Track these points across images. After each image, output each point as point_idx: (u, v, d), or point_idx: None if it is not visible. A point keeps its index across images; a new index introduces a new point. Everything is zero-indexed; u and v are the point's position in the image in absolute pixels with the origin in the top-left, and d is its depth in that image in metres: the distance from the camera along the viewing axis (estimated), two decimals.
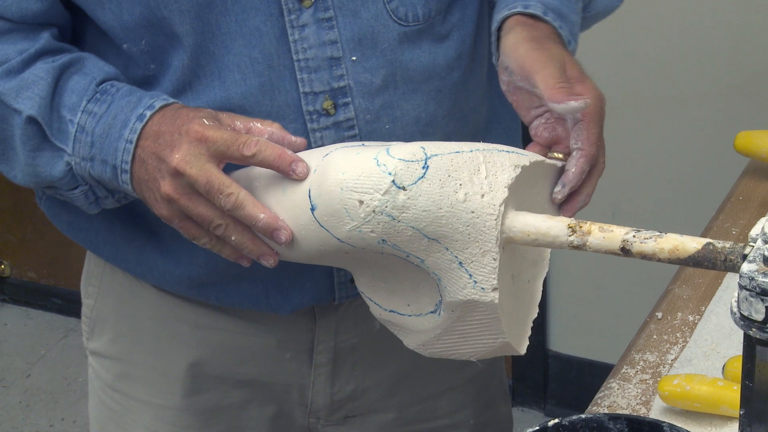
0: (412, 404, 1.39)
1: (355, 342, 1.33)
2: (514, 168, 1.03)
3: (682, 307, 1.37)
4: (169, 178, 1.07)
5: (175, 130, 1.07)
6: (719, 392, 1.18)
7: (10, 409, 2.89)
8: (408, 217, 1.01)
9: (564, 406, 2.73)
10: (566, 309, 2.68)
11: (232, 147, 1.06)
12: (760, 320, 0.85)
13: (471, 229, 1.01)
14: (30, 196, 3.46)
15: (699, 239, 0.95)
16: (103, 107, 1.12)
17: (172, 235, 1.17)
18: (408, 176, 1.01)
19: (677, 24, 2.31)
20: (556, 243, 1.02)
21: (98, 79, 1.14)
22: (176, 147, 1.06)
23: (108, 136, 1.11)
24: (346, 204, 1.01)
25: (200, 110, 1.10)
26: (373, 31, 1.17)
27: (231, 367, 1.32)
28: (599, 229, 0.99)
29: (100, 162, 1.12)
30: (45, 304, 3.24)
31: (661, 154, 2.43)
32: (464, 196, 1.01)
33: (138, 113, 1.10)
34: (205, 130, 1.06)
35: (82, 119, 1.12)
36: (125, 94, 1.12)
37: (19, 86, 1.12)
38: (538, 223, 1.02)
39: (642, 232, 0.97)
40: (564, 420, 1.02)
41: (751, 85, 2.28)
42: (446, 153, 1.02)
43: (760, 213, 1.53)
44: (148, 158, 1.09)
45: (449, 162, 1.01)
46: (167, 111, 1.10)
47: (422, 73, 1.20)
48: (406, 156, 1.01)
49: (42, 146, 1.14)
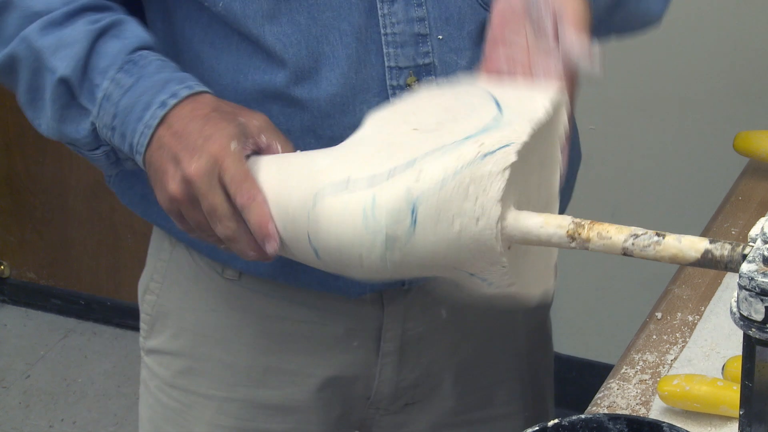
0: (471, 392, 1.39)
1: (422, 330, 1.32)
2: (502, 173, 0.99)
3: (682, 308, 1.37)
4: (179, 181, 1.07)
5: (199, 135, 1.07)
6: (719, 392, 1.18)
7: (9, 410, 2.89)
8: (410, 261, 1.02)
9: (563, 406, 2.72)
10: (565, 309, 2.68)
11: (233, 186, 1.05)
12: (760, 320, 0.85)
13: (475, 251, 1.01)
14: (29, 196, 3.48)
15: (697, 246, 0.94)
16: (131, 80, 1.11)
17: None
18: (399, 230, 1.00)
19: (676, 24, 2.31)
20: (556, 246, 1.02)
21: (132, 47, 1.13)
22: (196, 155, 1.06)
23: (130, 113, 1.10)
24: (349, 260, 1.02)
25: (230, 122, 1.08)
26: (461, 12, 1.18)
27: (299, 358, 1.31)
28: (598, 236, 0.98)
29: (120, 135, 1.11)
30: (44, 304, 3.24)
31: (660, 153, 2.43)
32: (459, 227, 1.00)
33: (161, 99, 1.09)
34: (224, 155, 1.06)
35: (109, 88, 1.11)
36: (154, 71, 1.11)
37: (57, 44, 1.12)
38: (536, 231, 1.02)
39: (641, 239, 0.96)
40: (564, 420, 1.02)
41: (750, 85, 2.29)
42: (432, 187, 0.99)
43: (760, 213, 1.53)
44: (164, 150, 1.08)
45: (436, 200, 0.99)
46: (196, 104, 1.09)
47: None
48: (392, 209, 1.00)
49: (70, 104, 1.14)
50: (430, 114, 1.06)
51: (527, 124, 1.01)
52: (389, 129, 1.06)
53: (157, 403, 1.38)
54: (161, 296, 1.35)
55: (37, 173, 3.13)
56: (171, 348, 1.36)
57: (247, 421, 1.33)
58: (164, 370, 1.37)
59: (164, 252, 1.35)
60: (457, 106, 1.06)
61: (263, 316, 1.30)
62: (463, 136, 1.01)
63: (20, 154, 3.12)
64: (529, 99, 1.05)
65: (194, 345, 1.34)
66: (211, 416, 1.34)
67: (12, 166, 3.16)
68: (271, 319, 1.30)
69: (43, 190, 3.16)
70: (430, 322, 1.32)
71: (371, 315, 1.30)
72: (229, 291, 1.30)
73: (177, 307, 1.34)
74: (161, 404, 1.38)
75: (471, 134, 1.01)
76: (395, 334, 1.32)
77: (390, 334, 1.32)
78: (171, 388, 1.36)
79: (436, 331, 1.33)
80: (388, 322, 1.31)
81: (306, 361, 1.32)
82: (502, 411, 1.42)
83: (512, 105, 1.04)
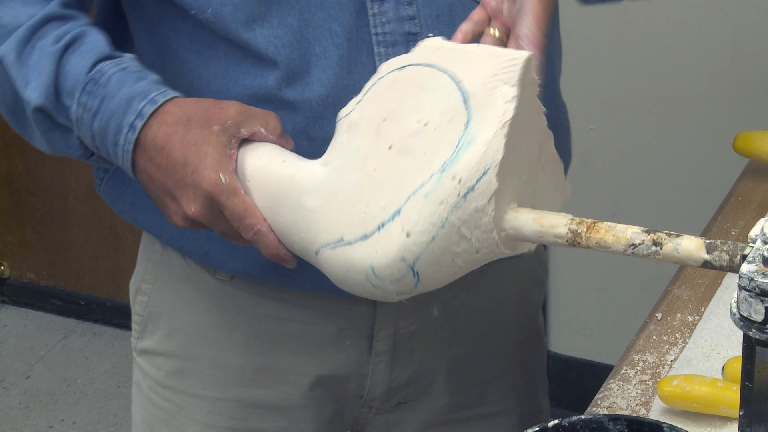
0: (463, 390, 1.39)
1: (414, 329, 1.33)
2: (488, 203, 1.00)
3: (682, 308, 1.37)
4: (183, 217, 1.10)
5: (186, 169, 1.08)
6: (719, 393, 1.18)
7: (9, 411, 2.89)
8: (423, 291, 1.06)
9: (564, 406, 2.72)
10: (565, 310, 2.68)
11: (235, 222, 1.08)
12: (760, 321, 0.85)
13: (481, 263, 1.05)
14: (29, 197, 3.48)
15: (695, 256, 0.94)
16: (96, 102, 1.11)
17: None
18: (404, 286, 1.04)
19: (676, 24, 2.31)
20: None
21: (90, 63, 1.13)
22: (191, 198, 1.08)
23: (105, 137, 1.11)
24: (362, 294, 1.07)
25: (208, 138, 1.08)
26: (451, 8, 1.17)
27: (291, 357, 1.31)
28: (597, 244, 0.99)
29: (105, 153, 1.13)
30: (44, 305, 3.24)
31: (660, 154, 2.43)
32: (463, 262, 1.03)
33: (129, 122, 1.10)
34: (218, 193, 1.07)
35: (78, 111, 1.12)
36: (115, 88, 1.11)
37: (27, 75, 1.13)
38: (536, 237, 1.02)
39: (640, 248, 0.97)
40: (564, 421, 1.02)
41: (750, 85, 2.28)
42: (425, 242, 1.01)
43: (760, 213, 1.53)
44: (155, 183, 1.10)
45: (431, 253, 1.01)
46: (167, 126, 1.10)
47: None
48: (393, 274, 1.03)
49: (53, 128, 1.15)
50: (400, 118, 1.05)
51: (500, 130, 1.00)
52: (365, 144, 1.06)
53: (150, 404, 1.38)
54: (153, 297, 1.36)
55: (37, 174, 3.13)
56: (163, 349, 1.36)
57: (240, 420, 1.34)
58: (156, 370, 1.37)
59: (155, 254, 1.35)
60: (424, 106, 1.04)
61: (255, 316, 1.30)
62: (439, 165, 1.01)
63: (20, 155, 3.12)
64: (494, 85, 1.02)
65: (186, 345, 1.34)
66: (204, 416, 1.34)
67: (12, 167, 3.16)
68: (264, 319, 1.30)
69: (43, 191, 3.16)
70: (422, 320, 1.33)
71: (363, 314, 1.30)
72: (221, 292, 1.30)
73: (169, 308, 1.35)
74: (154, 405, 1.38)
75: (446, 160, 1.00)
76: (387, 333, 1.32)
77: (382, 333, 1.32)
78: (164, 389, 1.36)
79: (427, 329, 1.33)
80: (381, 321, 1.31)
81: (298, 361, 1.32)
82: (495, 408, 1.42)
83: (479, 96, 1.02)
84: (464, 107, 1.02)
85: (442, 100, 1.03)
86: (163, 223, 1.26)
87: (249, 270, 1.26)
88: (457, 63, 1.05)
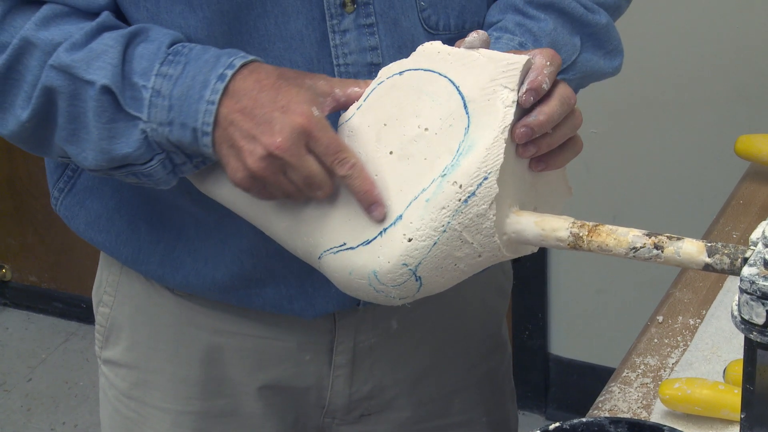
0: (427, 402, 1.39)
1: (374, 342, 1.33)
2: (489, 207, 1.01)
3: (683, 311, 1.37)
4: (260, 157, 1.05)
5: (274, 108, 1.04)
6: (720, 396, 1.18)
7: (11, 413, 2.89)
8: (426, 294, 1.07)
9: (565, 409, 2.72)
10: (567, 313, 2.68)
11: (329, 156, 1.05)
12: (761, 324, 0.85)
13: (483, 267, 1.06)
14: (31, 200, 3.47)
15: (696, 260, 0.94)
16: (179, 68, 1.08)
17: (201, 235, 1.19)
18: (407, 291, 1.05)
19: (678, 27, 2.31)
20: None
21: (167, 42, 1.10)
22: (277, 131, 1.04)
23: (187, 98, 1.07)
24: (366, 297, 1.08)
25: (300, 87, 1.06)
26: (413, 38, 1.17)
27: (251, 371, 1.32)
28: (598, 247, 1.00)
29: (180, 125, 1.08)
30: (46, 308, 3.24)
31: (661, 157, 2.43)
32: (465, 266, 1.04)
33: (218, 73, 1.06)
34: (312, 125, 1.04)
35: (156, 83, 1.08)
36: (200, 53, 1.09)
37: (89, 56, 1.09)
38: (538, 240, 1.03)
39: (641, 251, 0.97)
40: (565, 424, 1.02)
41: (751, 88, 2.29)
42: (426, 247, 1.02)
43: (761, 216, 1.54)
44: (235, 128, 1.06)
45: (433, 258, 1.02)
46: (259, 74, 1.07)
47: None
48: (395, 279, 1.04)
49: (116, 117, 1.09)
50: (400, 123, 1.05)
51: (500, 135, 1.01)
52: (366, 150, 1.06)
53: (116, 413, 1.39)
54: (114, 309, 1.36)
55: (39, 177, 3.13)
56: (126, 360, 1.35)
57: (203, 431, 1.34)
58: (120, 381, 1.37)
59: (114, 266, 1.34)
60: (424, 111, 1.05)
61: (215, 331, 1.30)
62: (440, 170, 1.01)
63: (22, 158, 3.12)
64: (493, 89, 1.03)
65: (147, 359, 1.33)
66: (168, 428, 1.34)
67: (14, 170, 3.16)
68: (223, 334, 1.30)
69: (44, 194, 3.15)
70: (382, 333, 1.33)
71: (323, 329, 1.30)
72: (181, 307, 1.30)
73: (129, 321, 1.34)
74: (120, 414, 1.38)
75: (447, 166, 1.01)
76: (347, 347, 1.32)
77: (342, 347, 1.32)
78: (128, 399, 1.36)
79: (387, 342, 1.33)
80: (341, 336, 1.31)
81: (258, 375, 1.32)
82: (462, 418, 1.42)
83: (479, 101, 1.03)
84: (464, 111, 1.03)
85: (442, 105, 1.04)
86: (119, 245, 1.27)
87: (208, 291, 1.26)
88: (457, 67, 1.05)
